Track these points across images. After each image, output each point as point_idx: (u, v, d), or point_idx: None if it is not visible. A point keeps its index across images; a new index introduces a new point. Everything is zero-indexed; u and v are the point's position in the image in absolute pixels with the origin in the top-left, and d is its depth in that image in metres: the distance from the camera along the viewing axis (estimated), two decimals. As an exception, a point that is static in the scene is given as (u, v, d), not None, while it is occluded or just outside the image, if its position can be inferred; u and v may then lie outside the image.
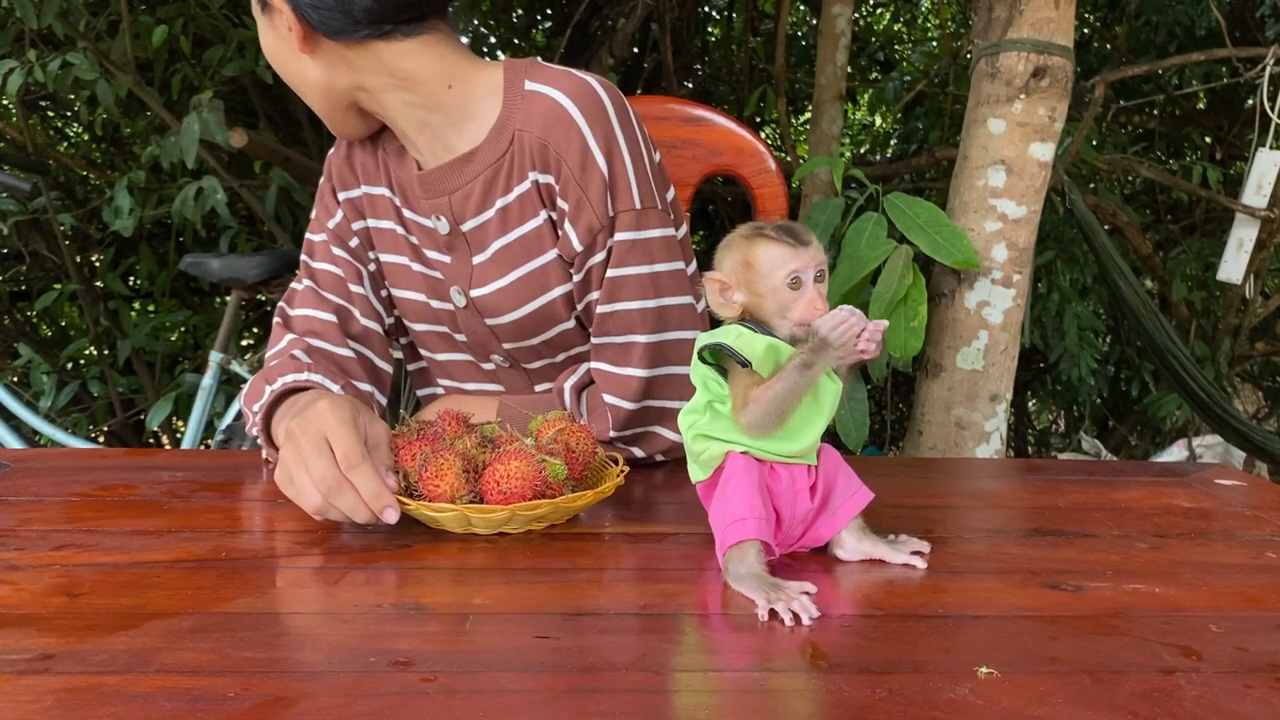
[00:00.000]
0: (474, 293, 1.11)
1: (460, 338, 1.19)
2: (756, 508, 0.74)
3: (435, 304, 1.17)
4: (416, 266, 1.16)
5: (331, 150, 1.20)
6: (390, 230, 1.17)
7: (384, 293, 1.21)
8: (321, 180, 1.21)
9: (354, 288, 1.17)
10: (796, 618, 0.68)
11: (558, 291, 1.10)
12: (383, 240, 1.18)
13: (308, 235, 1.21)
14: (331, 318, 1.14)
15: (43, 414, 2.80)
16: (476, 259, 1.11)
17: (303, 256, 1.20)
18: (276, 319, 1.17)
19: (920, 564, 0.79)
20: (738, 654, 0.63)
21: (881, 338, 0.75)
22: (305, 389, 1.02)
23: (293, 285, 1.20)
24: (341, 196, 1.18)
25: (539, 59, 1.09)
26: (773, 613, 0.68)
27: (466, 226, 1.10)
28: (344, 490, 0.82)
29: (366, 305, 1.17)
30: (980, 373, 2.16)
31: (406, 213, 1.15)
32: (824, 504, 0.79)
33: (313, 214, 1.22)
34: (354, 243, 1.18)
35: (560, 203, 1.06)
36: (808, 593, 0.71)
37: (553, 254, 1.09)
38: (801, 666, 0.62)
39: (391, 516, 0.82)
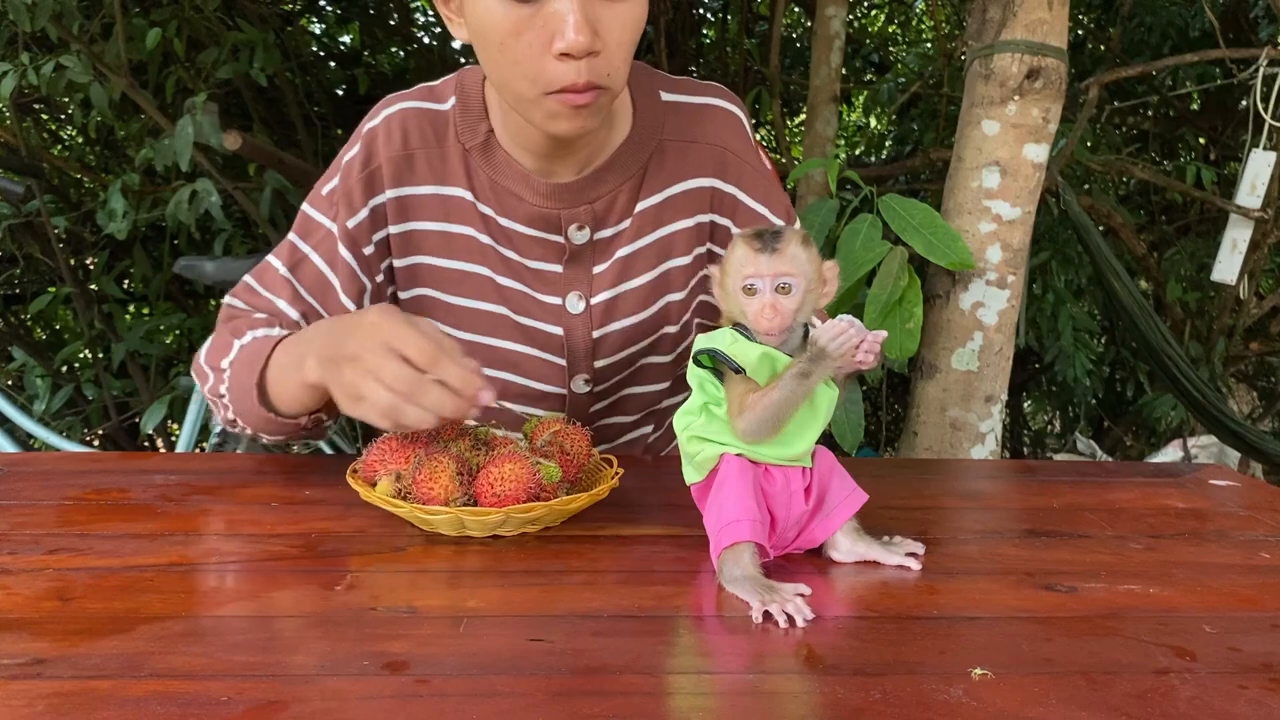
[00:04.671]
0: (596, 299, 1.10)
1: (529, 351, 1.12)
2: (751, 510, 0.74)
3: (522, 320, 1.11)
4: (502, 279, 1.09)
5: (375, 137, 1.06)
6: (468, 237, 1.08)
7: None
8: (354, 162, 1.06)
9: (345, 299, 1.06)
10: (791, 620, 0.68)
11: (675, 296, 1.12)
12: (452, 246, 1.08)
13: (308, 209, 1.08)
14: (298, 318, 1.06)
15: (37, 417, 2.79)
16: (599, 267, 1.09)
17: (293, 235, 1.08)
18: (233, 301, 1.08)
19: (915, 565, 0.79)
20: (732, 656, 0.63)
21: (880, 348, 0.75)
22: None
23: (270, 261, 1.08)
24: (390, 194, 1.06)
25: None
26: (767, 615, 0.68)
27: (603, 234, 1.08)
28: (426, 386, 0.79)
29: None
30: (975, 374, 2.16)
31: (503, 221, 1.07)
32: (818, 506, 0.79)
33: (324, 189, 1.08)
34: (369, 250, 1.07)
35: (750, 203, 1.10)
36: (802, 594, 0.71)
37: (685, 259, 1.11)
38: (796, 669, 0.61)
39: (488, 398, 0.80)
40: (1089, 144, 3.68)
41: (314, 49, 4.07)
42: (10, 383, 3.19)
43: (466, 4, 0.91)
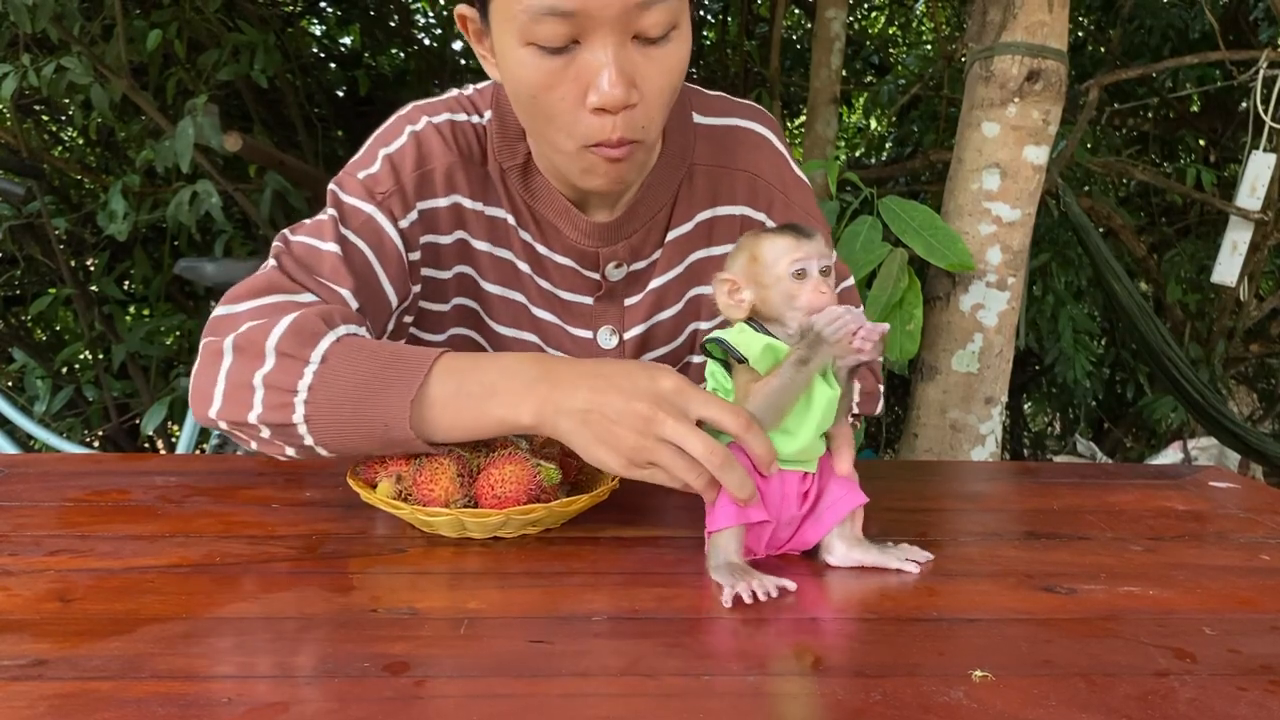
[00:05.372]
0: (629, 333, 1.07)
1: None
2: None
3: (552, 351, 1.08)
4: (535, 309, 1.05)
5: (427, 139, 0.99)
6: (508, 261, 1.03)
7: (408, 319, 1.04)
8: (403, 158, 0.98)
9: (389, 291, 0.95)
10: (756, 596, 0.70)
11: (703, 325, 1.09)
12: (494, 268, 1.04)
13: (345, 197, 0.96)
14: (358, 309, 0.93)
15: (37, 419, 2.79)
16: (631, 299, 1.06)
17: (332, 218, 0.94)
18: (280, 279, 0.91)
19: (912, 569, 0.79)
20: (732, 658, 0.63)
21: (880, 340, 0.75)
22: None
23: (311, 243, 0.93)
24: (444, 200, 0.99)
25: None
26: (738, 599, 0.70)
27: (636, 267, 1.04)
28: (733, 462, 0.74)
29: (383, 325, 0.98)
30: (975, 375, 2.16)
31: (541, 249, 1.03)
32: (813, 507, 0.79)
33: (362, 174, 0.97)
34: (414, 255, 0.98)
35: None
36: (784, 588, 0.72)
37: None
38: (796, 670, 0.62)
39: (776, 469, 0.76)
40: (1089, 146, 3.69)
41: (314, 50, 4.08)
42: (10, 384, 3.19)
43: (497, 52, 0.87)
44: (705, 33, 4.73)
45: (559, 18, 0.78)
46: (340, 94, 3.97)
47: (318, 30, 4.28)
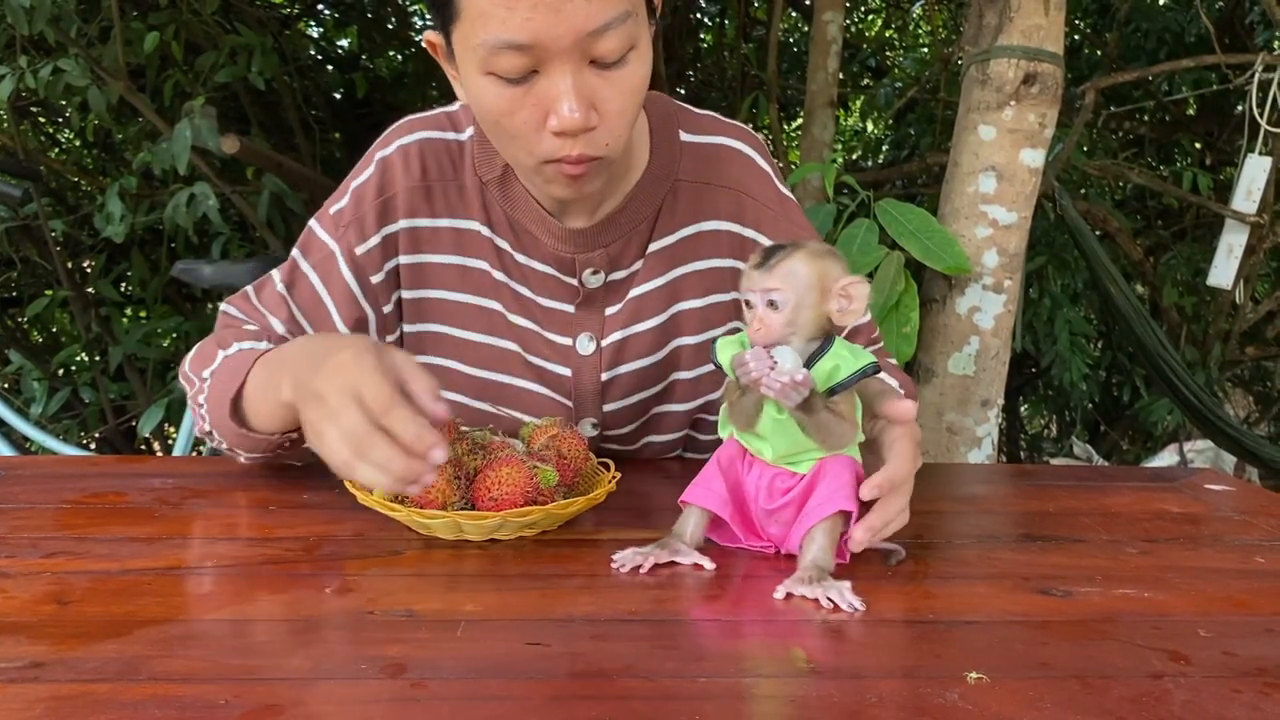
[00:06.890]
0: (606, 340, 1.07)
1: (539, 390, 1.09)
2: (708, 480, 0.81)
3: (532, 359, 1.08)
4: (513, 316, 1.07)
5: (391, 165, 1.04)
6: (482, 271, 1.06)
7: (389, 338, 1.08)
8: (367, 188, 1.04)
9: (339, 324, 1.04)
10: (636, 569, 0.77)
11: (686, 340, 1.09)
12: (465, 280, 1.06)
13: (314, 227, 1.06)
14: (285, 336, 1.03)
15: (34, 421, 2.79)
16: (611, 309, 1.07)
17: (296, 252, 1.06)
18: (229, 309, 1.06)
19: (826, 604, 0.72)
20: (729, 660, 0.63)
21: (785, 389, 0.72)
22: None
23: (272, 274, 1.06)
24: (404, 224, 1.04)
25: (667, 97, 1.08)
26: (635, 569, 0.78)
27: (616, 276, 1.06)
28: (376, 440, 0.73)
29: None
30: (972, 378, 2.16)
31: (519, 257, 1.05)
32: (799, 512, 0.79)
33: (331, 209, 1.06)
34: (378, 278, 1.04)
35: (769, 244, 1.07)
36: (699, 565, 0.78)
37: (697, 302, 1.07)
38: (792, 672, 0.62)
39: (439, 456, 0.74)
40: (1085, 149, 3.70)
41: (312, 53, 4.08)
42: (7, 386, 3.18)
43: (462, 78, 0.90)
44: (703, 36, 4.73)
45: (516, 50, 0.81)
46: (338, 96, 3.96)
47: (315, 33, 4.28)
